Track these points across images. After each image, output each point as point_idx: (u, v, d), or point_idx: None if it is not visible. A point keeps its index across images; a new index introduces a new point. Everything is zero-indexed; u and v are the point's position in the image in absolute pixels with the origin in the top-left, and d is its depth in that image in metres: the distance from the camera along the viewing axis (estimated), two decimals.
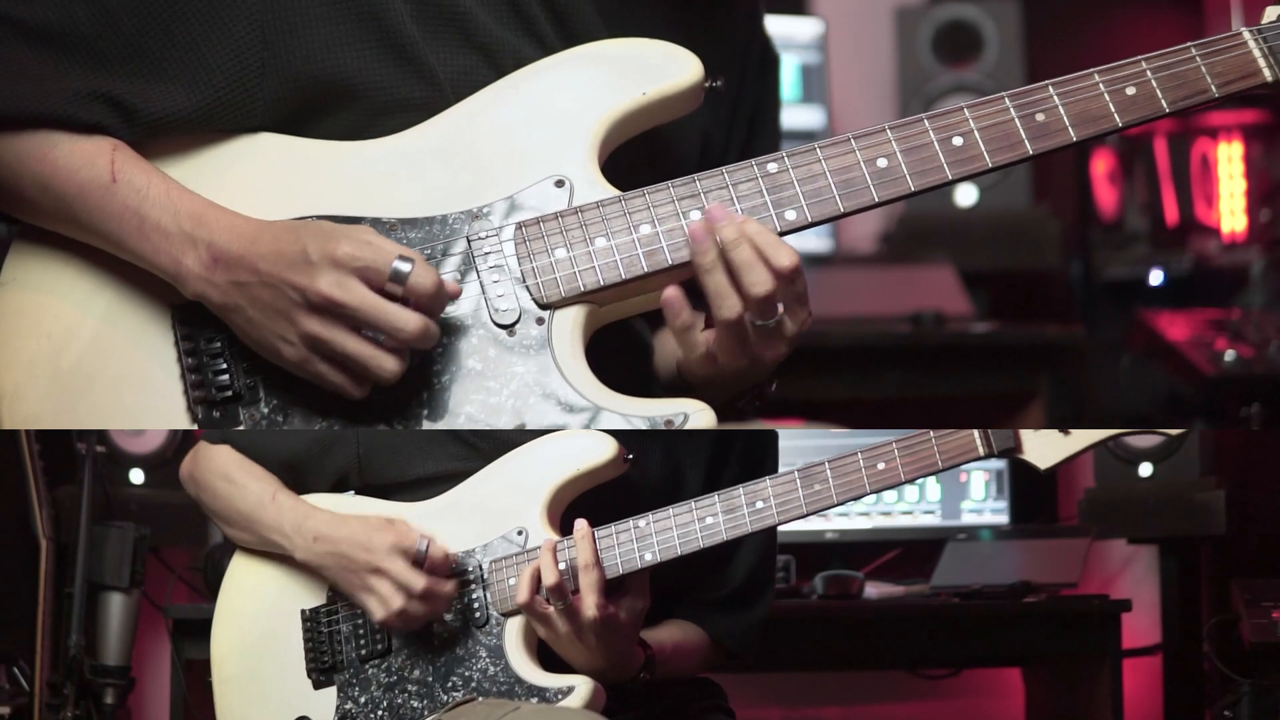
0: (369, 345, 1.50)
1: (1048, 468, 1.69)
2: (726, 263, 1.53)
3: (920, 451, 1.69)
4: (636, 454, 1.77)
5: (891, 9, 4.06)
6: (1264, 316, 3.38)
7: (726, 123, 1.85)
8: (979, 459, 1.69)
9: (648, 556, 1.73)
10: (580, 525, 1.71)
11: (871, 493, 1.70)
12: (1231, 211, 3.80)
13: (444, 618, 1.77)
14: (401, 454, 1.84)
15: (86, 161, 1.54)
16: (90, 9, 1.57)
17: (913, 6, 4.06)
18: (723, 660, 1.95)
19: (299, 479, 1.90)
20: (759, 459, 1.93)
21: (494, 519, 1.78)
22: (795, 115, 3.82)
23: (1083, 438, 1.68)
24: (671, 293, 1.56)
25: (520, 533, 1.77)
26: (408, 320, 1.48)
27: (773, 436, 1.97)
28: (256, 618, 1.89)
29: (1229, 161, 3.80)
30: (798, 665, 3.10)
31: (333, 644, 1.83)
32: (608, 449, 1.74)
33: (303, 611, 1.86)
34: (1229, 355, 3.19)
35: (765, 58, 1.94)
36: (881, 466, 1.70)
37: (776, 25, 3.83)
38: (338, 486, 1.88)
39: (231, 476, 1.90)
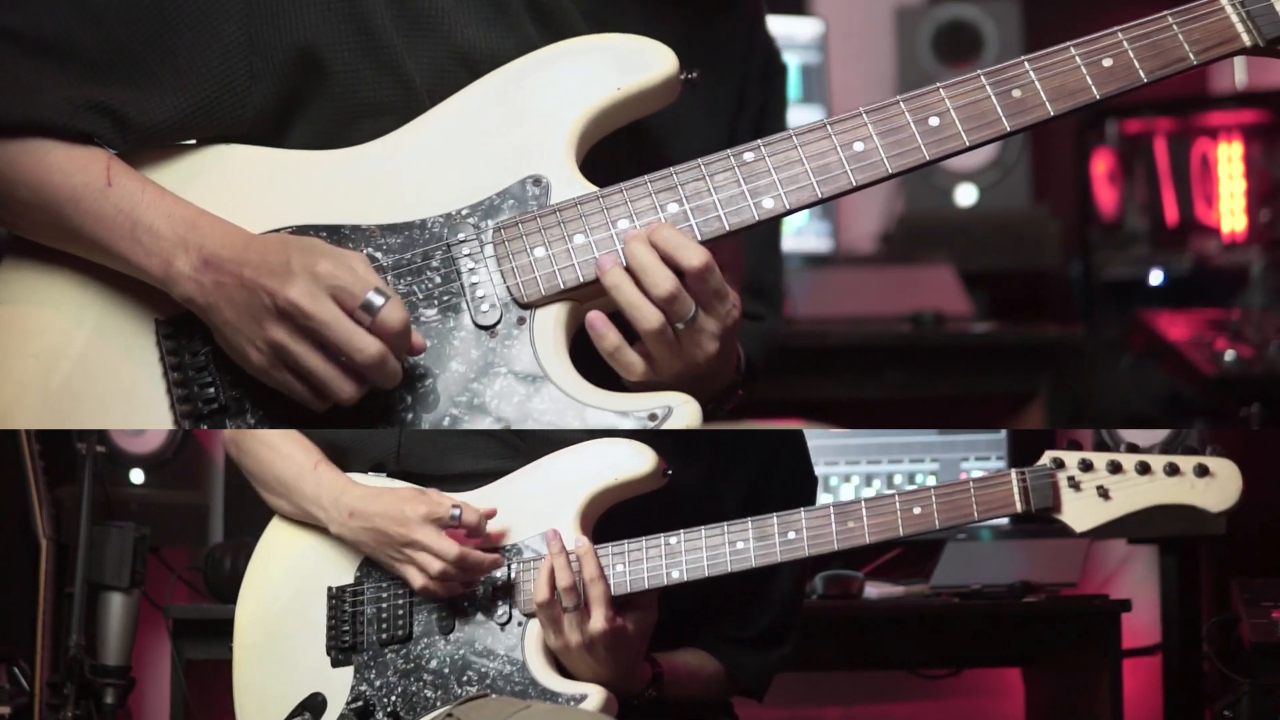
0: (329, 365, 1.50)
1: (1084, 531, 1.67)
2: (632, 275, 1.54)
3: (957, 500, 1.68)
4: (677, 470, 1.77)
5: (891, 9, 4.06)
6: (1264, 316, 3.37)
7: (728, 131, 1.85)
8: (1016, 515, 1.68)
9: (675, 574, 1.73)
10: (581, 541, 1.72)
11: (904, 538, 1.69)
12: (1231, 211, 3.80)
13: (477, 594, 1.77)
14: (441, 448, 1.86)
15: (81, 167, 1.56)
16: (83, 20, 1.58)
17: (913, 6, 4.06)
18: (733, 694, 1.95)
19: (339, 463, 1.91)
20: (798, 490, 1.94)
21: (526, 520, 1.79)
22: (795, 115, 3.78)
23: (1123, 503, 1.66)
24: (594, 316, 1.56)
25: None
26: (367, 343, 1.49)
27: (812, 483, 1.99)
28: (283, 589, 1.90)
29: (1229, 161, 3.80)
30: (798, 665, 3.09)
31: (355, 625, 1.84)
32: (647, 461, 1.74)
33: (329, 589, 1.87)
34: (1229, 355, 3.18)
35: (770, 64, 1.94)
36: (917, 511, 1.69)
37: (776, 25, 3.81)
38: (375, 472, 1.90)
39: (274, 444, 1.91)
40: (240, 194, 1.60)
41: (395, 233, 1.59)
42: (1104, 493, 1.66)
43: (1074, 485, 1.67)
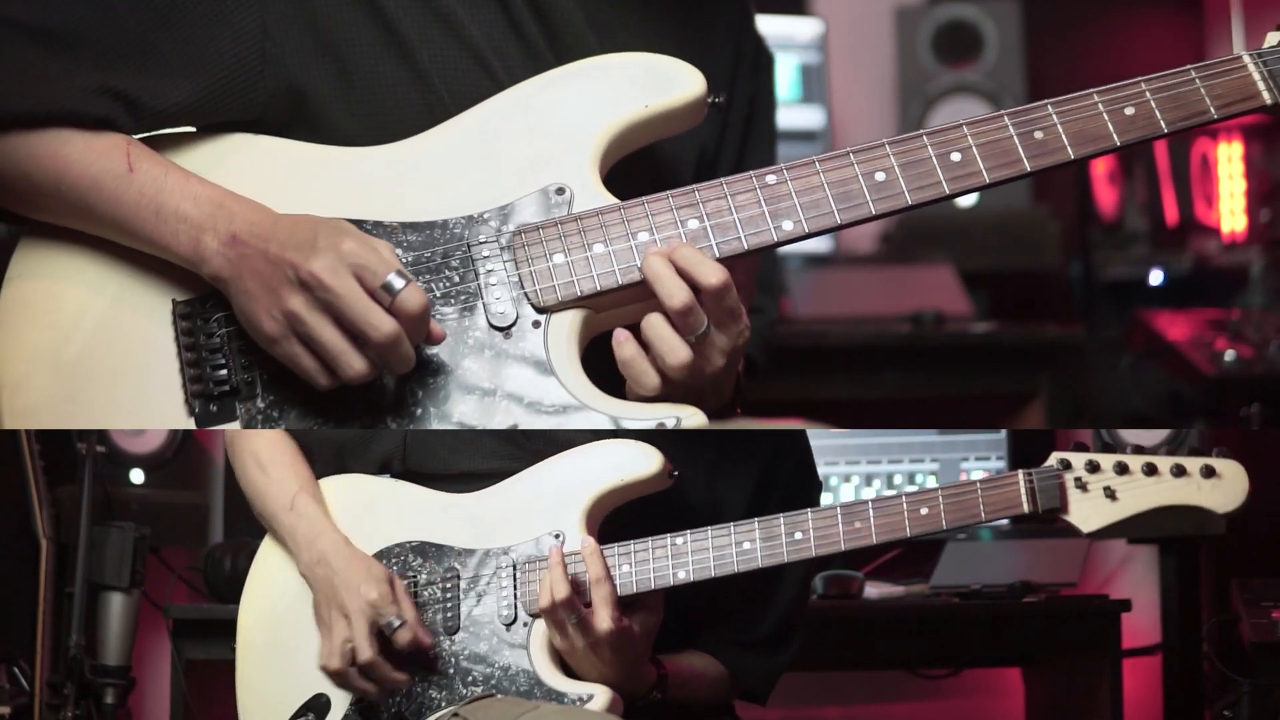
0: (342, 340, 1.50)
1: (1091, 532, 1.67)
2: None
3: (965, 501, 1.68)
4: (682, 472, 1.77)
5: (891, 9, 4.06)
6: (1264, 316, 3.38)
7: (720, 125, 1.86)
8: (1023, 516, 1.69)
9: (681, 575, 1.73)
10: (587, 542, 1.72)
11: (911, 538, 1.69)
12: (1231, 211, 3.81)
13: (480, 594, 1.77)
14: (447, 446, 1.85)
15: (101, 154, 1.56)
16: (92, 8, 1.58)
17: (913, 6, 4.06)
18: (738, 697, 1.95)
19: (343, 460, 1.91)
20: (803, 492, 1.94)
21: (532, 519, 1.79)
22: (795, 115, 3.82)
23: (1130, 504, 1.66)
24: (620, 333, 1.57)
25: (557, 536, 1.77)
26: (383, 321, 1.48)
27: (816, 486, 1.98)
28: (286, 590, 1.89)
29: (1229, 161, 3.81)
30: (798, 665, 3.09)
31: None
32: (653, 462, 1.75)
33: None
34: (1229, 355, 3.19)
35: (757, 57, 1.95)
36: (924, 512, 1.69)
37: (776, 25, 3.84)
38: (381, 470, 1.89)
39: (264, 465, 1.91)
40: (262, 186, 1.60)
41: (417, 230, 1.60)
42: (1111, 494, 1.66)
43: (1081, 486, 1.67)
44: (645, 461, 1.75)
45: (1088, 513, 1.67)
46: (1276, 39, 1.62)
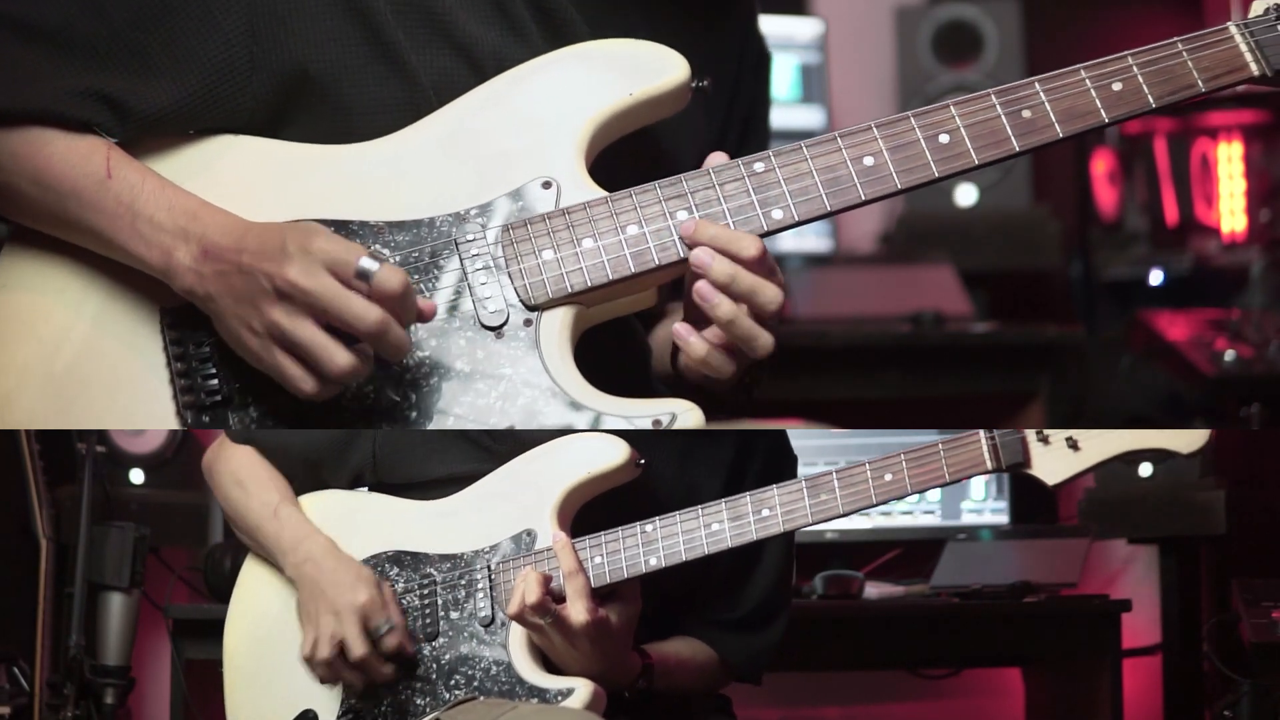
0: (323, 334, 1.47)
1: (1056, 484, 1.67)
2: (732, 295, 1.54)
3: (928, 464, 1.68)
4: (652, 461, 1.76)
5: (891, 9, 4.06)
6: (1264, 316, 3.38)
7: (721, 123, 1.85)
8: (987, 473, 1.68)
9: (652, 561, 1.73)
10: (559, 536, 1.72)
11: (878, 504, 1.69)
12: (1231, 211, 3.81)
13: (459, 598, 1.78)
14: (416, 454, 1.85)
15: (81, 158, 1.55)
16: (84, 8, 1.57)
17: (913, 6, 4.07)
18: (729, 681, 1.95)
19: (318, 475, 1.91)
20: (777, 472, 1.93)
21: (504, 520, 1.79)
22: (795, 115, 3.82)
23: (1093, 453, 1.66)
24: (680, 327, 1.57)
25: (529, 534, 1.77)
26: (366, 310, 1.46)
27: (791, 461, 1.98)
28: (269, 609, 1.90)
29: (1229, 161, 3.80)
30: (798, 665, 3.10)
31: None
32: (620, 453, 1.74)
33: None
34: (1229, 355, 3.19)
35: (759, 58, 1.95)
36: (889, 478, 1.69)
37: (776, 25, 3.84)
38: (354, 484, 1.90)
39: (243, 483, 1.92)
40: (250, 187, 1.59)
41: (403, 230, 1.59)
42: (1073, 444, 1.66)
43: (1043, 439, 1.67)
44: (612, 453, 1.75)
45: (1052, 465, 1.67)
46: (1263, 7, 1.60)
